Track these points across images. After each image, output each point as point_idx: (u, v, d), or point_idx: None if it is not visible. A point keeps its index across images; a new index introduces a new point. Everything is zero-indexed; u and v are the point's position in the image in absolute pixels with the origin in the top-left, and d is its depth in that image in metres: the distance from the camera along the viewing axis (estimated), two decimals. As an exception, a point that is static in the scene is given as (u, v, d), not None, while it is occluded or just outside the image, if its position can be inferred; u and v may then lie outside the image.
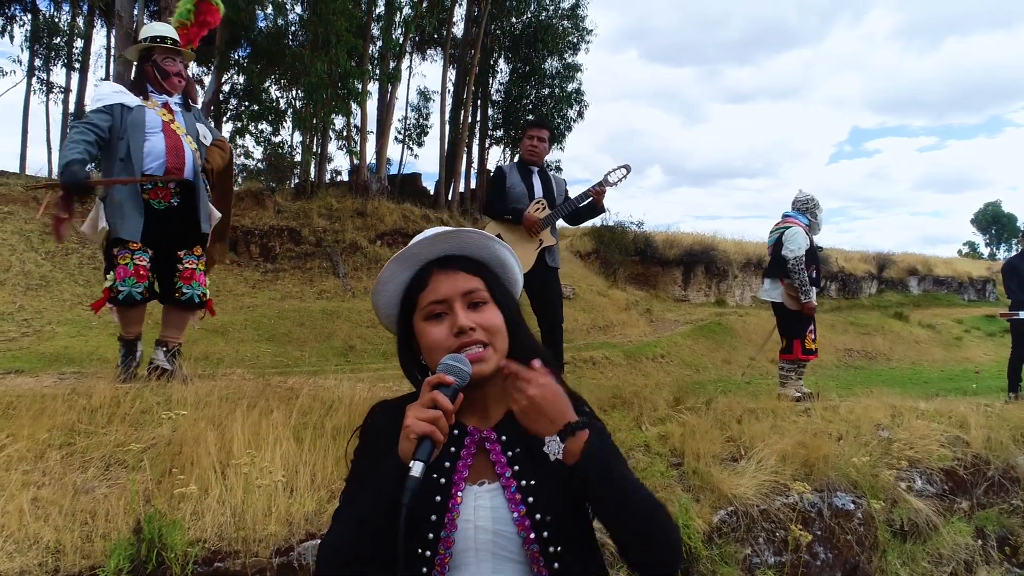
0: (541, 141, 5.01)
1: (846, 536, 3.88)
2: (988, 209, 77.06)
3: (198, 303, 4.18)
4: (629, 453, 3.59)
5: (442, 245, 1.28)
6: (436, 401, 1.07)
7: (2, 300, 10.70)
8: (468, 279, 1.26)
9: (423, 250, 1.28)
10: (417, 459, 1.04)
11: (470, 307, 1.24)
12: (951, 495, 4.54)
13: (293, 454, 2.64)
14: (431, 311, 1.24)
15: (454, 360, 1.16)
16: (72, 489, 2.36)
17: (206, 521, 2.29)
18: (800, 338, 5.96)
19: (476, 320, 1.22)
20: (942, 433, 4.82)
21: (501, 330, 1.25)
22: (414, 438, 1.06)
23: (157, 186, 3.97)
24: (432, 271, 1.27)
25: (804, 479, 3.82)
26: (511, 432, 1.25)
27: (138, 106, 3.95)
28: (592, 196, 4.84)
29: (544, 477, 1.20)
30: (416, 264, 1.29)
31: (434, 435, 1.05)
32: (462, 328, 1.20)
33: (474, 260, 1.30)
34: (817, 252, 6.13)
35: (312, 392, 3.45)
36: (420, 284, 1.27)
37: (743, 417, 4.27)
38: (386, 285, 1.31)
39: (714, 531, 3.37)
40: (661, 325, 16.95)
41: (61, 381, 3.61)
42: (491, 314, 1.25)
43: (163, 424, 2.70)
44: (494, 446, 1.25)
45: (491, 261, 1.32)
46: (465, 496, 1.20)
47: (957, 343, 20.94)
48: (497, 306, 1.27)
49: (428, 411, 1.07)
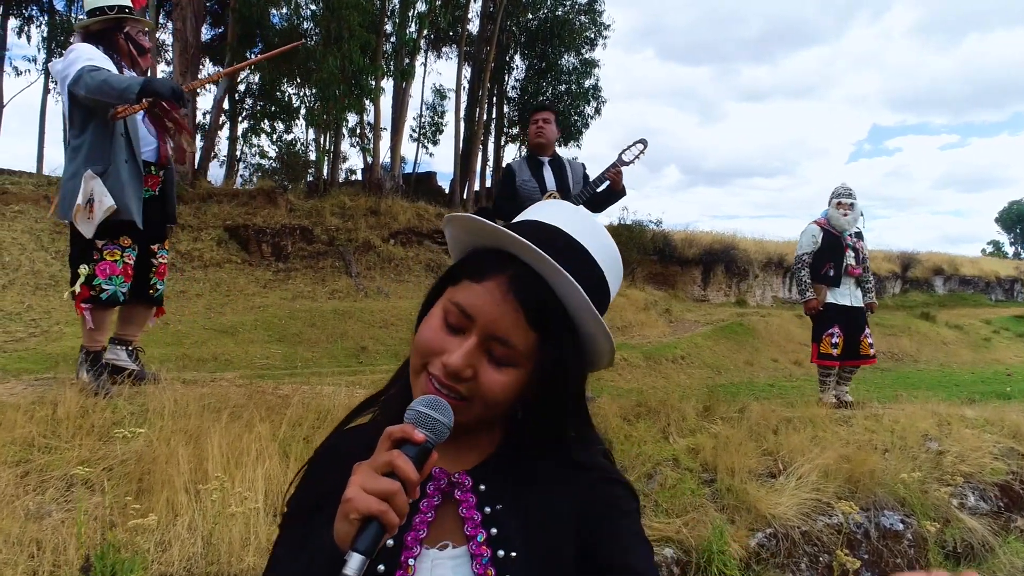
0: (547, 123, 4.65)
1: (895, 560, 3.53)
2: (1013, 208, 75.60)
3: (159, 299, 3.85)
4: (656, 468, 3.26)
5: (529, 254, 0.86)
6: (395, 467, 0.72)
7: (11, 300, 10.57)
8: (518, 325, 0.84)
9: (508, 242, 0.87)
10: (356, 550, 0.69)
11: (489, 355, 0.85)
12: (1007, 512, 4.17)
13: (278, 473, 2.33)
14: (452, 310, 0.86)
15: (429, 407, 0.78)
16: (23, 515, 2.06)
17: (173, 553, 1.99)
18: (816, 342, 5.65)
19: (480, 373, 0.84)
20: (994, 444, 4.46)
21: (496, 403, 0.85)
22: (355, 519, 0.70)
23: (150, 173, 3.66)
24: (499, 273, 0.86)
25: (848, 497, 3.47)
26: (492, 481, 0.89)
27: None
28: (609, 179, 4.39)
29: (533, 551, 0.83)
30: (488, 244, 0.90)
31: (385, 517, 0.70)
32: (451, 369, 0.82)
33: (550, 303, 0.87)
34: (844, 244, 5.70)
35: (304, 400, 3.14)
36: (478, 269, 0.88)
37: (779, 427, 3.92)
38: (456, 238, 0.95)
39: (752, 556, 3.03)
40: (681, 326, 16.55)
41: (30, 388, 3.32)
42: (502, 381, 0.84)
43: (134, 438, 2.40)
44: (466, 496, 0.88)
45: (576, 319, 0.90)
46: (420, 564, 0.84)
47: (986, 344, 20.37)
48: (526, 377, 0.87)
49: (381, 481, 0.71)
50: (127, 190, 3.51)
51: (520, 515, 0.85)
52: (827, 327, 5.50)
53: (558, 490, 0.88)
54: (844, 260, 5.63)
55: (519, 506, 0.86)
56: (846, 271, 5.59)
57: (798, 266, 5.72)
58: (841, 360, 5.50)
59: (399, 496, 0.70)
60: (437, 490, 0.87)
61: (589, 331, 0.91)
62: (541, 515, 0.86)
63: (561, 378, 0.88)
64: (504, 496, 0.87)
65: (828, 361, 5.50)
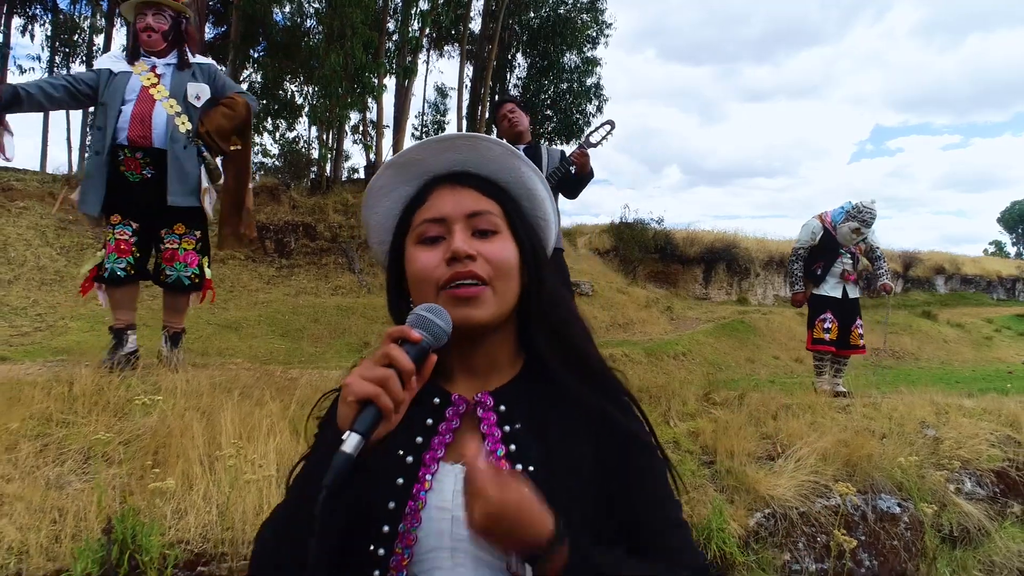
0: (513, 112, 4.67)
1: (892, 542, 3.58)
2: (1015, 208, 75.48)
3: (188, 285, 3.81)
4: (657, 450, 3.32)
5: (451, 155, 0.99)
6: (391, 357, 0.79)
7: (17, 295, 10.63)
8: (479, 199, 0.97)
9: (427, 156, 0.99)
10: (354, 430, 0.76)
11: (476, 233, 0.95)
12: (1003, 498, 4.23)
13: (289, 447, 2.40)
14: (424, 232, 0.96)
15: (428, 311, 0.86)
16: (44, 484, 2.13)
17: (189, 520, 2.06)
18: (810, 328, 5.84)
19: (479, 248, 0.93)
20: (991, 432, 4.50)
21: (511, 270, 0.95)
22: (353, 401, 0.78)
23: (127, 156, 3.66)
24: (438, 186, 0.99)
25: (846, 480, 3.53)
26: (514, 402, 0.95)
27: (123, 72, 3.70)
28: (575, 161, 4.38)
29: (550, 467, 0.90)
30: (418, 177, 1.01)
31: (379, 400, 0.77)
32: (456, 253, 0.91)
33: (494, 183, 1.01)
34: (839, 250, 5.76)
35: (312, 383, 3.21)
36: (419, 200, 0.99)
37: (778, 413, 3.98)
38: (379, 199, 1.03)
39: (750, 535, 3.10)
40: (682, 323, 16.60)
41: (45, 369, 3.40)
42: (502, 246, 0.95)
43: (150, 414, 2.47)
44: (487, 414, 0.94)
45: (516, 187, 1.03)
46: (442, 478, 0.91)
47: (987, 343, 20.41)
48: (515, 240, 0.98)
49: (377, 369, 0.79)
50: (87, 182, 3.70)
51: (538, 434, 0.92)
52: (819, 313, 5.65)
53: (575, 412, 0.94)
54: (837, 263, 5.72)
55: (537, 426, 0.93)
56: (842, 276, 5.67)
57: (792, 258, 5.83)
58: (834, 347, 5.61)
59: (392, 382, 0.78)
60: (456, 414, 0.95)
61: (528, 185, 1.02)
62: (559, 434, 0.92)
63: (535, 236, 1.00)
64: (523, 416, 0.94)
65: (822, 346, 5.61)
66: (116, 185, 3.66)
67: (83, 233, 12.60)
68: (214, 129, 3.76)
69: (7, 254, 11.51)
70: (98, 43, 22.62)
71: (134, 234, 3.70)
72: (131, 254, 3.68)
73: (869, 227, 5.59)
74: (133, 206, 3.69)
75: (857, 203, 5.57)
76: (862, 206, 5.53)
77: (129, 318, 3.78)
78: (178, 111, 3.72)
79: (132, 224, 3.70)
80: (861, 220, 5.53)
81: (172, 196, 3.67)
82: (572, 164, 4.39)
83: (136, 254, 3.71)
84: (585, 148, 4.39)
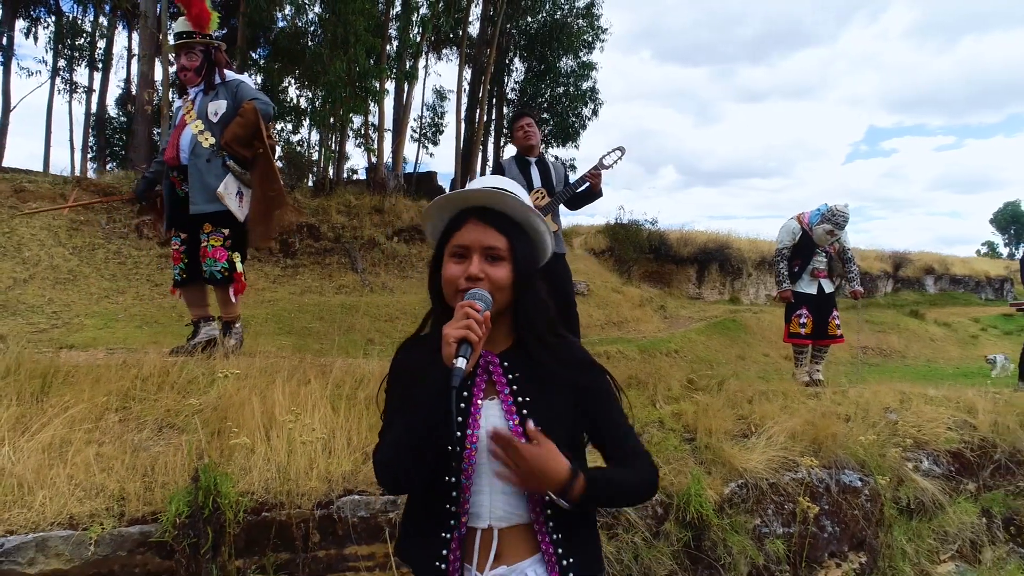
0: (531, 127, 5.21)
1: (853, 511, 4.03)
2: (1007, 209, 76.17)
3: (221, 279, 4.29)
4: (644, 429, 3.76)
5: (483, 199, 1.47)
6: (468, 312, 1.29)
7: (32, 293, 11.01)
8: (495, 236, 1.43)
9: (468, 198, 1.48)
10: (461, 356, 1.25)
11: (487, 258, 1.42)
12: (958, 476, 4.67)
13: (330, 419, 2.84)
14: (455, 251, 1.44)
15: (476, 294, 1.36)
16: (131, 447, 2.56)
17: (253, 476, 2.49)
18: (787, 323, 6.31)
19: (487, 271, 1.41)
20: (950, 417, 4.94)
21: (505, 288, 1.42)
22: (453, 342, 1.27)
23: (172, 176, 4.34)
24: (469, 218, 1.45)
25: (813, 456, 3.97)
26: (513, 359, 1.46)
27: (177, 107, 4.37)
28: (589, 181, 4.99)
29: (539, 396, 1.41)
30: (456, 208, 1.49)
31: (469, 336, 1.27)
32: (471, 275, 1.39)
33: (508, 218, 1.47)
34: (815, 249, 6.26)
35: (344, 368, 3.65)
36: (457, 224, 1.46)
37: (754, 398, 4.42)
38: (431, 216, 1.52)
39: (725, 502, 3.53)
40: (675, 322, 17.05)
41: (109, 356, 3.83)
42: (501, 272, 1.42)
43: (209, 391, 2.91)
44: (497, 368, 1.45)
45: (523, 223, 1.49)
46: (484, 408, 1.42)
47: (973, 341, 20.88)
48: (512, 266, 1.44)
49: (463, 320, 1.28)
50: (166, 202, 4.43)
51: (532, 380, 1.45)
52: (795, 309, 6.13)
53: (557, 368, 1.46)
54: (811, 263, 6.22)
55: (531, 375, 1.45)
56: (812, 273, 6.17)
57: (777, 258, 6.27)
58: (811, 339, 6.09)
59: (475, 325, 1.28)
60: (483, 366, 1.46)
61: (533, 225, 1.50)
62: (546, 380, 1.45)
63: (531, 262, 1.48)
64: (521, 369, 1.46)
65: (798, 340, 6.11)
66: (172, 202, 4.34)
67: (94, 234, 13.03)
68: (232, 139, 4.20)
69: (22, 254, 11.90)
70: (100, 47, 23.03)
71: (182, 243, 4.35)
72: (182, 260, 4.34)
73: (842, 229, 6.07)
74: (181, 219, 4.34)
75: (832, 206, 6.04)
76: (836, 209, 6.00)
77: (200, 312, 4.47)
78: (200, 129, 4.25)
79: (180, 235, 4.35)
80: (835, 223, 6.00)
81: (193, 205, 4.25)
82: (586, 183, 5.01)
83: (186, 260, 4.35)
84: (599, 170, 4.93)
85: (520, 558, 1.38)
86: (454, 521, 1.37)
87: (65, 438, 2.52)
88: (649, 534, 3.22)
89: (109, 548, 2.17)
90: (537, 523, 1.38)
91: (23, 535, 2.09)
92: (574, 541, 1.40)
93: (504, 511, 1.38)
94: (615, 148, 5.09)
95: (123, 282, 12.01)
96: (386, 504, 2.59)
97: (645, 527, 3.22)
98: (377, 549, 2.56)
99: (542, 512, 1.38)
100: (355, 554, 2.54)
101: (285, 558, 2.42)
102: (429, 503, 1.40)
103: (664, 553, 3.20)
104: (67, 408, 2.64)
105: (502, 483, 1.36)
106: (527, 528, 1.39)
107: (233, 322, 4.47)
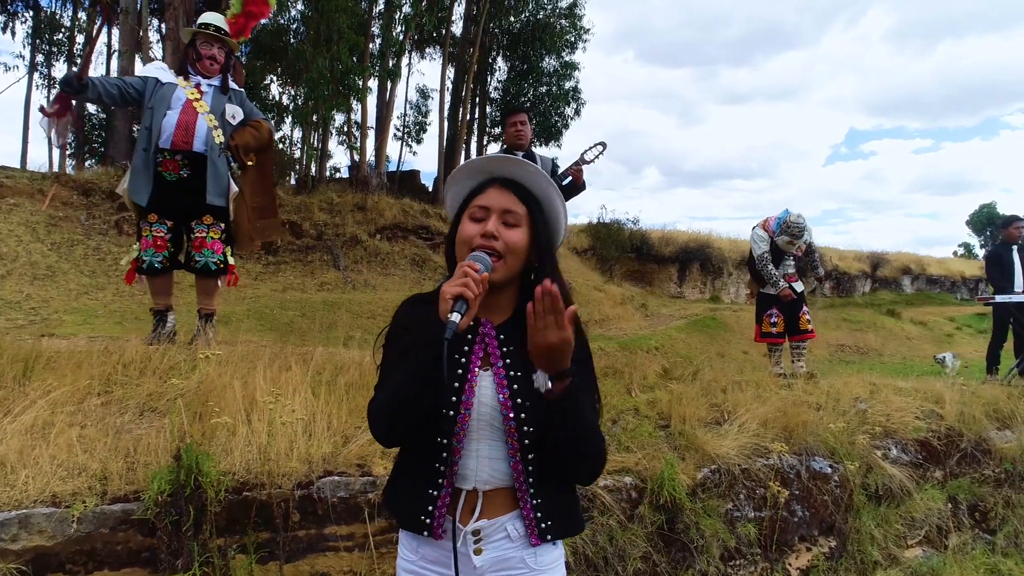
0: (523, 125, 5.32)
1: (823, 497, 4.14)
2: (983, 211, 77.24)
3: (215, 270, 4.40)
4: (620, 415, 3.84)
5: (508, 167, 1.54)
6: (466, 271, 1.34)
7: (10, 289, 10.89)
8: (515, 202, 1.50)
9: (492, 166, 1.55)
10: (455, 311, 1.30)
11: (504, 223, 1.48)
12: (925, 464, 4.80)
13: (311, 403, 2.89)
14: (474, 212, 1.51)
15: (476, 256, 1.42)
16: (113, 429, 2.60)
17: (234, 457, 2.54)
18: (758, 323, 6.53)
19: (502, 233, 1.47)
20: (918, 407, 5.08)
21: (519, 252, 1.48)
22: (449, 298, 1.32)
23: (166, 158, 4.22)
24: (493, 184, 1.52)
25: (784, 443, 4.08)
26: (509, 332, 1.52)
27: (170, 83, 4.29)
28: (571, 175, 5.14)
29: (529, 371, 1.46)
30: (483, 175, 1.55)
31: (465, 293, 1.31)
32: (487, 232, 1.45)
33: (529, 190, 1.54)
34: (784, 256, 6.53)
35: (325, 355, 3.70)
36: (479, 190, 1.53)
37: (728, 387, 4.53)
38: (459, 182, 1.58)
39: (698, 486, 3.62)
40: (656, 320, 17.18)
41: (90, 343, 3.86)
42: (517, 235, 1.48)
43: (191, 376, 2.95)
44: (492, 340, 1.51)
45: (542, 198, 1.55)
46: (480, 379, 1.48)
47: (948, 339, 21.21)
48: (529, 233, 1.50)
49: (461, 278, 1.33)
50: (137, 176, 4.21)
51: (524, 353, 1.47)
52: (766, 309, 6.32)
53: None
54: (781, 266, 6.49)
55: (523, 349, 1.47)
56: (784, 277, 6.39)
57: (763, 264, 6.41)
58: (783, 337, 6.27)
59: (471, 283, 1.32)
60: (482, 334, 1.52)
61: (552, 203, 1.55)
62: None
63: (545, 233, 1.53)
64: (515, 342, 1.51)
65: (771, 339, 6.28)
66: (156, 184, 4.22)
67: (73, 230, 12.92)
68: (241, 144, 4.39)
69: (-1, 250, 11.79)
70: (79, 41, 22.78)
71: (168, 231, 4.33)
72: (166, 249, 4.32)
73: (800, 238, 6.34)
74: (169, 205, 4.28)
75: (787, 219, 6.41)
76: (790, 222, 6.40)
77: (167, 302, 4.44)
78: (215, 124, 4.33)
79: (167, 223, 4.32)
80: (791, 234, 6.41)
81: (210, 196, 4.31)
82: (569, 176, 5.15)
83: (170, 249, 4.35)
84: (581, 165, 5.04)
85: (500, 514, 1.47)
86: (442, 480, 1.45)
87: (47, 420, 2.56)
88: (624, 517, 3.30)
89: (91, 525, 2.21)
90: (519, 487, 1.47)
91: (6, 512, 2.12)
92: (553, 503, 1.49)
93: (489, 475, 1.47)
94: (596, 143, 5.22)
95: (102, 278, 11.91)
96: (365, 485, 2.65)
97: (620, 510, 3.30)
98: (356, 529, 2.62)
99: (525, 479, 1.46)
100: (335, 534, 2.59)
101: (266, 537, 2.47)
102: (420, 460, 1.48)
103: (638, 536, 3.29)
104: (49, 392, 2.67)
105: (488, 450, 1.45)
106: (509, 491, 1.48)
107: (213, 314, 4.53)
